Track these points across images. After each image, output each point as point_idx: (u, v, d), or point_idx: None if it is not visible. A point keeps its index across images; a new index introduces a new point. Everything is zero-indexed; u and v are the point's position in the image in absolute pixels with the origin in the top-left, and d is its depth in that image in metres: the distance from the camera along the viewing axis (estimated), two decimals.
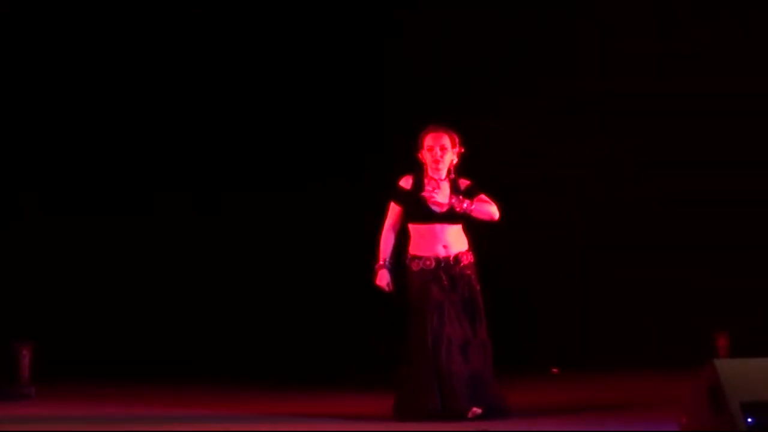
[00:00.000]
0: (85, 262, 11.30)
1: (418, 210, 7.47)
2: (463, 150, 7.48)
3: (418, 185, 7.49)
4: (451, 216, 7.44)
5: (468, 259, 7.52)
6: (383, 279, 7.54)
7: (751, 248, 11.22)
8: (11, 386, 9.45)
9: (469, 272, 7.48)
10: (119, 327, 11.27)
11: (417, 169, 7.55)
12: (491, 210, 7.52)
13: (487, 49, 11.41)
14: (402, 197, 7.53)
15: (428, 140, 7.46)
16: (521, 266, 11.40)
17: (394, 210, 7.57)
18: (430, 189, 7.40)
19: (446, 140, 7.44)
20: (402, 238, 7.66)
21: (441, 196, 7.41)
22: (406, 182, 7.53)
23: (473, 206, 7.45)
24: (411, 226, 7.54)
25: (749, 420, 5.64)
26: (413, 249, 7.51)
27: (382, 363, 9.16)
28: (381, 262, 7.54)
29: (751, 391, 5.71)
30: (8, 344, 9.64)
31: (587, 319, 11.37)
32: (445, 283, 7.38)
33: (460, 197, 7.44)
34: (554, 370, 11.08)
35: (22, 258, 11.10)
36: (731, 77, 11.25)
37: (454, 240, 7.48)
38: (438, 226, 7.44)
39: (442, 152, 7.42)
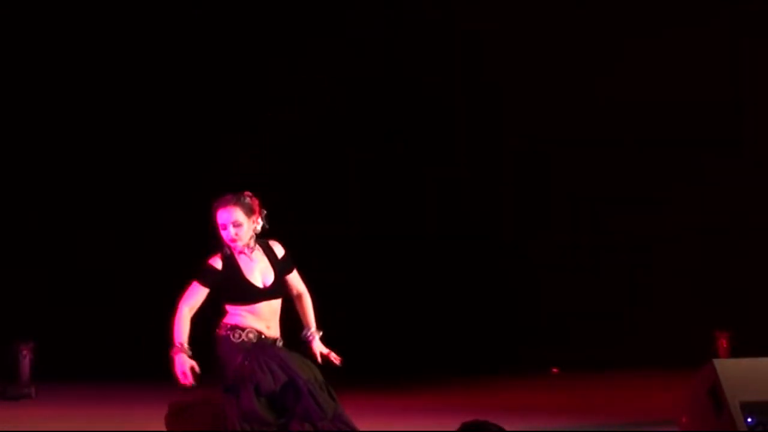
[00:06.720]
0: (85, 262, 11.29)
1: (240, 291, 6.40)
2: (265, 212, 6.28)
3: (229, 263, 6.34)
4: (277, 291, 6.39)
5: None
6: (183, 364, 6.43)
7: (751, 248, 11.23)
8: (11, 386, 9.45)
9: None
10: (119, 327, 11.26)
11: (221, 245, 6.31)
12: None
13: None
14: (212, 278, 6.41)
15: (219, 217, 6.27)
16: (522, 268, 11.41)
17: (198, 290, 6.48)
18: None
19: (239, 214, 6.22)
20: (208, 312, 6.56)
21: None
22: (215, 262, 6.35)
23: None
24: (230, 306, 6.49)
25: (749, 420, 5.65)
26: (233, 320, 6.52)
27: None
28: (178, 346, 6.44)
29: (751, 391, 5.72)
30: (8, 344, 9.64)
31: (588, 320, 11.36)
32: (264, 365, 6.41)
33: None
34: (554, 370, 11.08)
35: (22, 259, 11.09)
36: None
37: (276, 320, 6.46)
38: (264, 304, 6.41)
39: (237, 229, 6.22)
